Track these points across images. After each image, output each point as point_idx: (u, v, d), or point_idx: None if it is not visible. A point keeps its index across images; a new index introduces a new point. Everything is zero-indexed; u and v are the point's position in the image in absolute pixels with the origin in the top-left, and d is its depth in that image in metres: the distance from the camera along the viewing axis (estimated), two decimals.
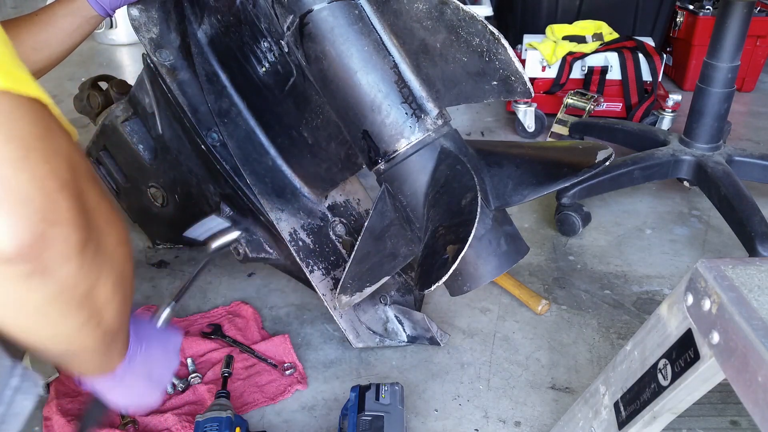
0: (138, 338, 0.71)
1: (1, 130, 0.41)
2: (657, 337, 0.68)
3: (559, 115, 2.05)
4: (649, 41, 2.18)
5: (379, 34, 0.87)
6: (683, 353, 0.63)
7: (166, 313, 0.95)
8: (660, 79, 2.10)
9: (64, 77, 2.47)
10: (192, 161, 1.20)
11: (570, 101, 2.05)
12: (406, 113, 0.86)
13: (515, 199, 0.89)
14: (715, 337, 0.57)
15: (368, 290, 0.96)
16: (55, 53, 1.10)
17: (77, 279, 0.50)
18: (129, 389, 0.71)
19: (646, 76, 2.09)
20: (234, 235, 1.14)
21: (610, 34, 2.22)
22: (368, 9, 0.87)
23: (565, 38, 2.18)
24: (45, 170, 0.44)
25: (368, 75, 0.85)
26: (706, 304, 0.59)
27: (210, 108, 1.12)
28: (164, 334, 0.78)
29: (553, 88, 2.15)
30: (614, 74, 2.11)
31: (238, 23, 1.05)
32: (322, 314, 1.26)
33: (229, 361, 1.11)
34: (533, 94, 0.84)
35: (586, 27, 2.23)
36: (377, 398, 0.95)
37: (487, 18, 1.57)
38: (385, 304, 1.18)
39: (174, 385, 1.08)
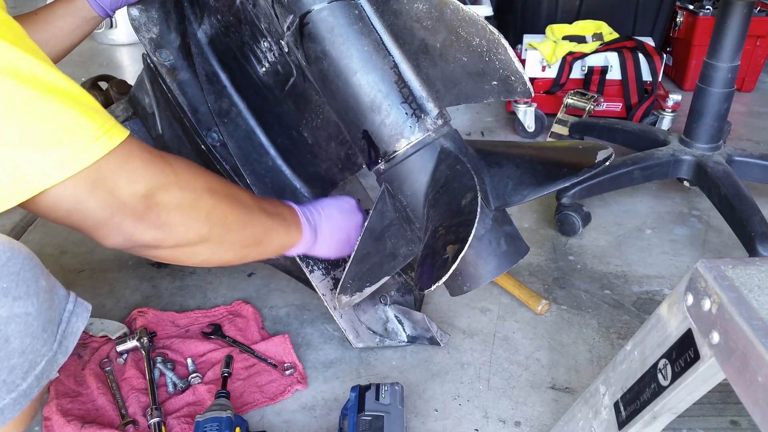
0: (313, 217, 0.96)
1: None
2: (657, 337, 0.68)
3: (559, 115, 2.05)
4: (649, 41, 2.18)
5: (379, 34, 0.87)
6: (683, 353, 0.63)
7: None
8: (660, 79, 2.10)
9: None
10: (192, 161, 1.19)
11: (570, 101, 2.05)
12: (406, 113, 0.86)
13: (515, 199, 0.89)
14: (715, 337, 0.57)
15: (368, 290, 0.96)
16: (53, 53, 1.10)
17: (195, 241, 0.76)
18: (327, 246, 0.99)
19: (646, 76, 2.09)
20: None
21: (610, 34, 2.22)
22: (368, 9, 0.87)
23: (565, 38, 2.18)
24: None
25: (368, 75, 0.85)
26: (706, 304, 0.59)
27: (210, 108, 1.12)
28: (336, 199, 1.02)
29: (553, 88, 2.16)
30: (614, 74, 2.11)
31: (238, 23, 1.05)
32: (322, 314, 1.26)
33: (228, 361, 1.11)
34: (533, 94, 0.84)
35: (586, 27, 2.23)
36: (377, 398, 0.95)
37: (487, 18, 1.57)
38: (385, 304, 1.18)
39: (174, 384, 1.09)
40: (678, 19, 2.45)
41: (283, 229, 0.90)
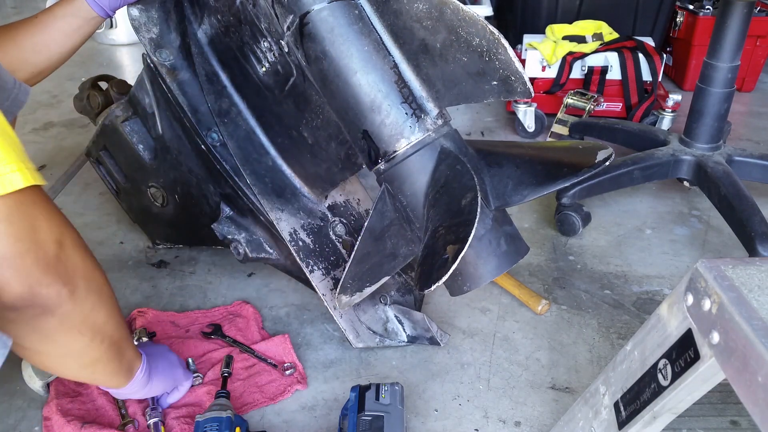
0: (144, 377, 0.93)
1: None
2: (657, 337, 0.68)
3: (559, 115, 2.05)
4: (649, 41, 2.18)
5: (379, 34, 0.87)
6: (683, 353, 0.63)
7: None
8: (660, 79, 2.10)
9: (64, 77, 2.47)
10: (192, 161, 1.20)
11: (570, 101, 2.05)
12: (406, 113, 0.86)
13: (515, 199, 0.89)
14: (715, 337, 0.57)
15: (368, 290, 0.96)
16: (55, 55, 1.10)
17: (73, 312, 0.71)
18: (153, 390, 0.97)
19: (646, 76, 2.09)
20: None
21: (610, 34, 2.22)
22: (368, 9, 0.87)
23: (565, 38, 2.18)
24: (34, 253, 0.65)
25: (368, 75, 0.85)
26: (706, 304, 0.59)
27: (210, 108, 1.12)
28: (157, 346, 1.03)
29: (553, 88, 2.15)
30: (614, 74, 2.11)
31: (238, 23, 1.05)
32: (322, 314, 1.26)
33: (228, 361, 1.11)
34: (533, 94, 0.84)
35: (586, 27, 2.23)
36: (377, 398, 0.95)
37: (487, 18, 1.57)
38: (385, 304, 1.18)
39: None
40: (678, 19, 2.45)
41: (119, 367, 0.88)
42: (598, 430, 0.79)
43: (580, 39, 2.18)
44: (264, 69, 1.05)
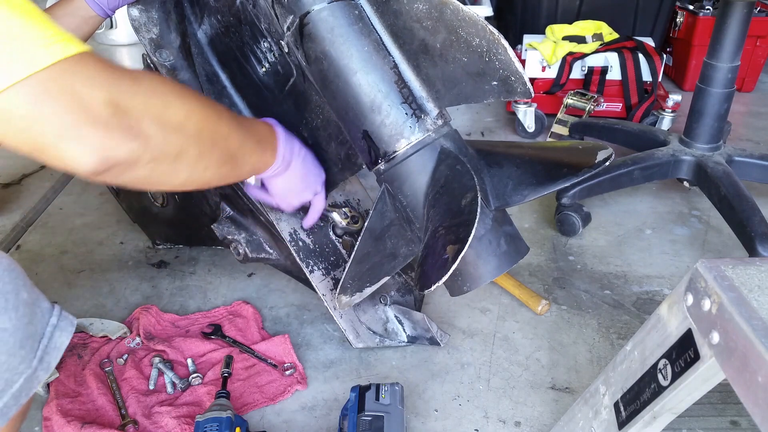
0: (291, 146, 0.94)
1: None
2: (657, 337, 0.68)
3: (559, 115, 2.05)
4: (649, 41, 2.18)
5: (379, 34, 0.87)
6: (683, 353, 0.63)
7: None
8: (660, 79, 2.10)
9: None
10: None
11: (570, 101, 2.05)
12: (406, 113, 0.86)
13: (515, 199, 0.89)
14: (715, 337, 0.57)
15: (368, 290, 0.96)
16: None
17: (160, 156, 0.67)
18: (288, 182, 0.97)
19: (646, 76, 2.09)
20: None
21: (610, 34, 2.22)
22: (368, 9, 0.87)
23: (565, 38, 2.18)
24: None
25: (368, 75, 0.85)
26: (706, 304, 0.59)
27: None
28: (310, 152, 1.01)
29: (553, 88, 2.16)
30: (614, 74, 2.11)
31: (238, 23, 1.05)
32: (322, 314, 1.26)
33: (228, 361, 1.11)
34: (533, 94, 0.84)
35: (586, 27, 2.23)
36: (377, 398, 0.95)
37: (487, 18, 1.57)
38: (385, 304, 1.18)
39: (174, 385, 1.09)
40: (678, 19, 2.45)
41: (259, 148, 0.88)
42: (598, 430, 0.79)
43: (580, 39, 2.18)
44: (264, 69, 1.05)
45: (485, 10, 2.42)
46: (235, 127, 0.80)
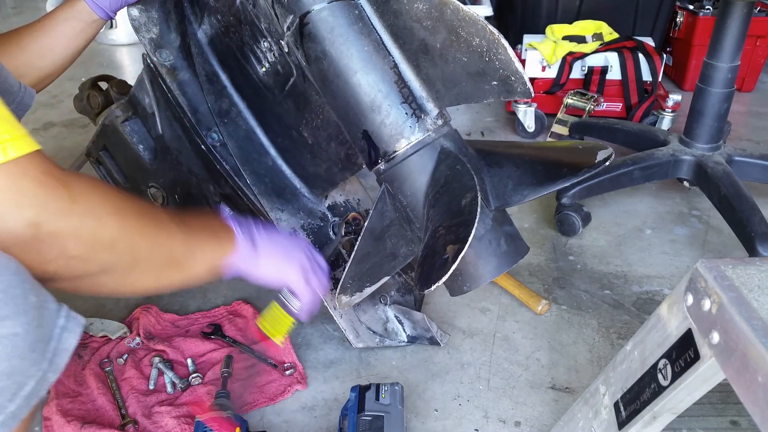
0: (247, 226, 0.90)
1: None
2: (657, 337, 0.68)
3: (559, 115, 2.05)
4: (649, 41, 2.18)
5: (379, 34, 0.87)
6: (683, 353, 0.63)
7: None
8: (660, 79, 2.10)
9: (64, 77, 2.44)
10: (192, 161, 1.20)
11: (570, 101, 2.05)
12: (406, 113, 0.85)
13: (515, 199, 0.89)
14: (715, 337, 0.57)
15: (368, 290, 0.96)
16: (59, 58, 1.10)
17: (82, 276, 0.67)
18: (267, 261, 0.90)
19: (646, 76, 2.09)
20: None
21: (610, 34, 2.22)
22: (368, 9, 0.87)
23: (565, 38, 2.18)
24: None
25: (368, 75, 0.85)
26: (706, 304, 0.59)
27: (210, 108, 1.12)
28: (272, 226, 0.97)
29: (553, 88, 2.16)
30: (614, 74, 2.11)
31: (238, 23, 1.05)
32: (322, 314, 1.26)
33: (228, 361, 1.11)
34: (533, 94, 0.84)
35: (586, 27, 2.23)
36: (377, 398, 0.95)
37: (487, 18, 1.57)
38: (385, 304, 1.18)
39: (174, 384, 1.09)
40: (678, 19, 2.45)
41: (212, 242, 0.83)
42: (598, 430, 0.79)
43: (580, 39, 2.18)
44: (264, 69, 1.05)
45: (485, 10, 2.42)
46: (177, 232, 0.78)
